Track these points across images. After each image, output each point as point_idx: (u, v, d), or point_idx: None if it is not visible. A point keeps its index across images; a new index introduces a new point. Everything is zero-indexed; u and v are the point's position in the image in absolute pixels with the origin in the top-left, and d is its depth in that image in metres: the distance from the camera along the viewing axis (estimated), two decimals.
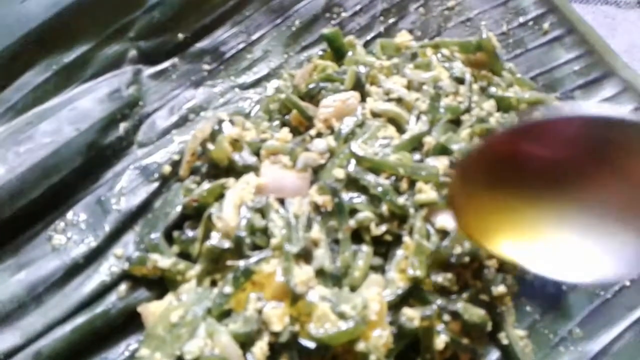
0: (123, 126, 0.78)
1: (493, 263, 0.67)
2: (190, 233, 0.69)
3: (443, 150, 0.71)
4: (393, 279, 0.65)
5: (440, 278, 0.65)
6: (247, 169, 0.71)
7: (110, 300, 0.68)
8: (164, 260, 0.68)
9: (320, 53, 0.86)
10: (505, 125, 0.69)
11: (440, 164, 0.69)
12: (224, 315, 0.63)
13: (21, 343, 0.65)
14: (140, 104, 0.80)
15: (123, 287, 0.68)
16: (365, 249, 0.66)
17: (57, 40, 0.79)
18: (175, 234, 0.70)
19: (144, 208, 0.73)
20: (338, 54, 0.83)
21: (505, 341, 0.68)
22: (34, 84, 0.77)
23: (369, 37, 0.89)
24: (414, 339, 0.64)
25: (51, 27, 0.78)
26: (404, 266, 0.65)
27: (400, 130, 0.74)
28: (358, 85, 0.76)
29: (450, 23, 0.91)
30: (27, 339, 0.65)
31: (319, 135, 0.73)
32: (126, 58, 0.82)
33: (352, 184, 0.68)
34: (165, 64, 0.84)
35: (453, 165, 0.57)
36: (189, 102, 0.82)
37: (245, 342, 0.60)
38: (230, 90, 0.84)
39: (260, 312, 0.61)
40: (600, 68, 0.88)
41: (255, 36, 0.88)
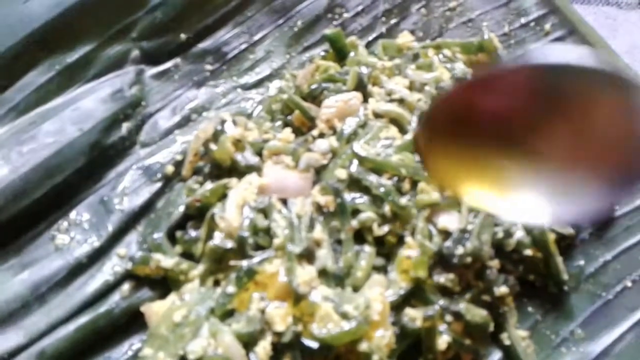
0: (126, 126, 0.78)
1: (495, 264, 0.68)
2: (193, 233, 0.70)
3: None
4: (395, 279, 0.65)
5: (443, 278, 0.65)
6: (250, 169, 0.71)
7: (114, 300, 0.68)
8: (167, 260, 0.68)
9: (323, 54, 0.86)
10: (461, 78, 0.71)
11: None
12: (227, 315, 0.63)
13: (25, 342, 0.65)
14: (143, 104, 0.80)
15: (126, 287, 0.69)
16: (368, 249, 0.67)
17: (60, 40, 0.79)
18: (178, 234, 0.70)
19: (147, 208, 0.73)
20: (340, 54, 0.84)
21: (507, 342, 0.68)
22: (36, 84, 0.77)
23: (370, 38, 0.89)
24: (416, 339, 0.64)
25: (54, 27, 0.78)
26: (406, 266, 0.65)
27: (403, 130, 0.74)
28: (360, 86, 0.76)
29: (451, 24, 0.91)
30: (31, 339, 0.65)
31: (322, 135, 0.73)
32: (129, 58, 0.82)
33: (355, 184, 0.68)
34: (168, 64, 0.84)
35: (419, 118, 0.56)
36: (192, 103, 0.82)
37: (249, 342, 0.61)
38: (232, 91, 0.84)
39: (263, 312, 0.61)
40: None
41: (257, 37, 0.88)
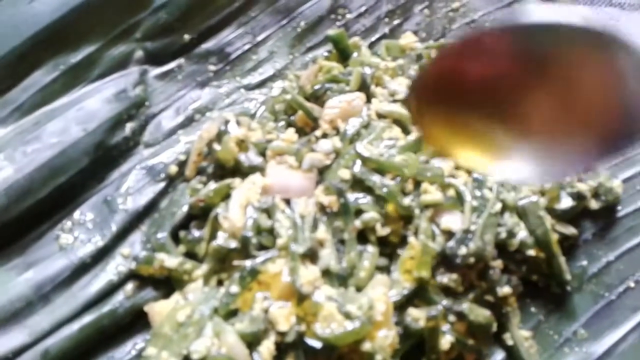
0: (129, 126, 0.78)
1: (498, 264, 0.68)
2: (196, 233, 0.70)
3: None
4: (398, 279, 0.65)
5: (446, 279, 0.66)
6: (253, 169, 0.71)
7: (117, 300, 0.68)
8: (170, 260, 0.68)
9: (326, 54, 0.86)
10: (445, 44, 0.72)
11: (446, 165, 0.70)
12: (230, 314, 0.63)
13: (29, 342, 0.65)
14: (147, 105, 0.80)
15: (130, 287, 0.69)
16: (371, 249, 0.67)
17: (65, 40, 0.79)
18: (182, 233, 0.71)
19: (151, 208, 0.73)
20: (343, 55, 0.84)
21: (510, 342, 0.68)
22: (41, 84, 0.77)
23: (374, 39, 0.89)
24: (419, 340, 0.64)
25: (58, 28, 0.78)
26: (410, 267, 0.65)
27: (406, 131, 0.74)
28: (363, 86, 0.77)
29: (454, 24, 0.91)
30: (35, 338, 0.65)
31: (325, 136, 0.73)
32: (132, 58, 0.82)
33: (358, 184, 0.68)
34: (172, 65, 0.84)
35: (411, 83, 0.59)
36: (195, 103, 0.82)
37: (252, 342, 0.61)
38: (235, 91, 0.84)
39: (266, 312, 0.61)
40: None
41: (260, 37, 0.88)
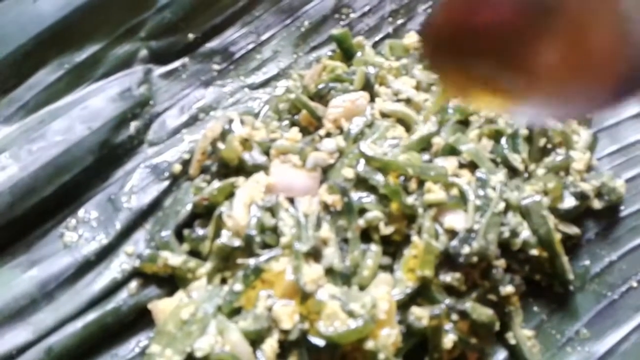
0: (134, 125, 0.78)
1: (501, 263, 0.68)
2: (200, 231, 0.70)
3: (452, 150, 0.71)
4: (402, 278, 0.66)
5: (449, 278, 0.66)
6: (257, 168, 0.71)
7: (121, 297, 0.68)
8: (174, 258, 0.68)
9: (330, 54, 0.86)
10: None
11: (449, 164, 0.70)
12: (234, 312, 0.63)
13: (33, 339, 0.65)
14: (151, 103, 0.81)
15: (134, 285, 0.69)
16: (374, 248, 0.67)
17: (69, 39, 0.79)
18: (186, 232, 0.71)
19: (155, 206, 0.74)
20: (347, 54, 0.84)
21: (512, 341, 0.68)
22: (46, 82, 0.77)
23: (377, 38, 0.89)
24: (422, 338, 0.64)
25: (63, 27, 0.79)
26: (413, 265, 0.66)
27: (409, 130, 0.74)
28: (367, 86, 0.77)
29: None
30: (39, 335, 0.66)
31: (329, 135, 0.73)
32: (137, 57, 0.82)
33: (362, 183, 0.68)
34: (176, 64, 0.84)
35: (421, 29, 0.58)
36: (199, 102, 0.82)
37: (255, 340, 0.61)
38: (239, 90, 0.84)
39: (270, 310, 0.61)
40: None
41: (264, 36, 0.88)
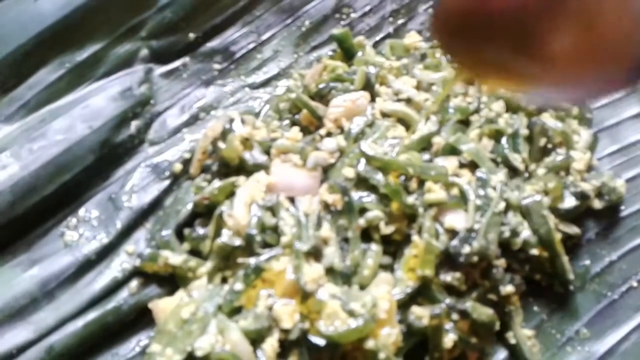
0: (134, 124, 0.78)
1: (501, 263, 0.68)
2: (201, 230, 0.70)
3: (452, 150, 0.72)
4: (402, 277, 0.66)
5: (449, 277, 0.66)
6: (258, 167, 0.71)
7: (122, 297, 0.68)
8: (175, 257, 0.68)
9: (330, 53, 0.86)
10: None
11: (450, 164, 0.70)
12: (234, 311, 0.63)
13: (34, 338, 0.65)
14: (152, 103, 0.81)
15: (134, 284, 0.69)
16: (375, 247, 0.67)
17: (70, 38, 0.79)
18: (186, 231, 0.71)
19: (155, 205, 0.74)
20: (348, 54, 0.84)
21: (512, 340, 0.68)
22: (47, 81, 0.77)
23: (378, 38, 0.89)
24: (422, 338, 0.65)
25: (64, 26, 0.79)
26: (413, 265, 0.66)
27: (410, 130, 0.74)
28: (368, 86, 0.77)
29: None
30: (40, 334, 0.66)
31: (329, 134, 0.73)
32: (138, 57, 0.82)
33: (362, 183, 0.69)
34: (177, 63, 0.84)
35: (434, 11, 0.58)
36: (200, 101, 0.83)
37: (256, 339, 0.61)
38: (240, 90, 0.84)
39: (270, 309, 0.61)
40: None
41: (265, 36, 0.88)
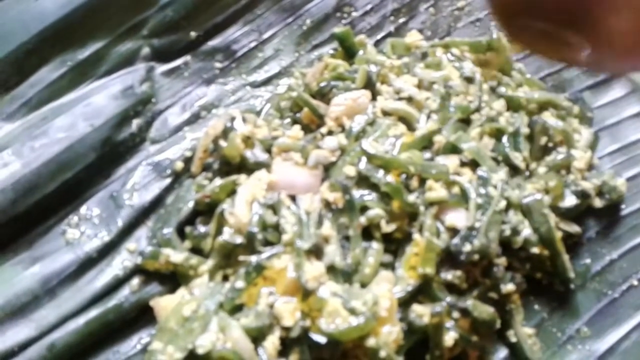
0: (136, 123, 0.78)
1: (502, 261, 0.68)
2: (202, 229, 0.70)
3: (453, 149, 0.72)
4: (403, 275, 0.66)
5: (450, 275, 0.66)
6: (259, 165, 0.72)
7: (123, 294, 0.68)
8: (176, 255, 0.68)
9: (332, 52, 0.86)
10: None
11: (451, 162, 0.70)
12: (235, 309, 0.63)
13: (35, 335, 0.65)
14: (153, 101, 0.81)
15: (136, 281, 0.69)
16: (376, 245, 0.67)
17: (72, 37, 0.79)
18: (188, 229, 0.71)
19: (157, 203, 0.74)
20: (349, 53, 0.84)
21: (513, 339, 0.68)
22: (48, 80, 0.78)
23: (379, 37, 0.90)
24: (423, 336, 0.65)
25: (66, 24, 0.79)
26: (414, 263, 0.66)
27: (411, 128, 0.74)
28: (369, 84, 0.77)
29: (460, 23, 0.91)
30: (41, 332, 0.66)
31: (330, 133, 0.73)
32: (139, 55, 0.82)
33: (363, 181, 0.69)
34: (178, 62, 0.84)
35: None
36: (201, 100, 0.83)
37: (257, 337, 0.61)
38: (241, 88, 0.84)
39: (271, 307, 0.62)
40: None
41: (266, 35, 0.88)
